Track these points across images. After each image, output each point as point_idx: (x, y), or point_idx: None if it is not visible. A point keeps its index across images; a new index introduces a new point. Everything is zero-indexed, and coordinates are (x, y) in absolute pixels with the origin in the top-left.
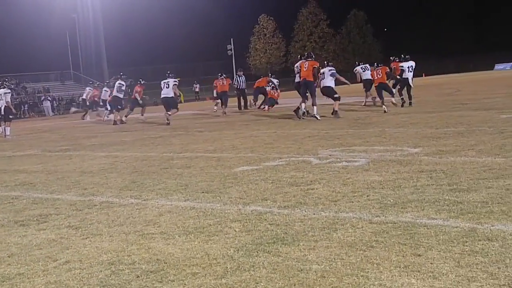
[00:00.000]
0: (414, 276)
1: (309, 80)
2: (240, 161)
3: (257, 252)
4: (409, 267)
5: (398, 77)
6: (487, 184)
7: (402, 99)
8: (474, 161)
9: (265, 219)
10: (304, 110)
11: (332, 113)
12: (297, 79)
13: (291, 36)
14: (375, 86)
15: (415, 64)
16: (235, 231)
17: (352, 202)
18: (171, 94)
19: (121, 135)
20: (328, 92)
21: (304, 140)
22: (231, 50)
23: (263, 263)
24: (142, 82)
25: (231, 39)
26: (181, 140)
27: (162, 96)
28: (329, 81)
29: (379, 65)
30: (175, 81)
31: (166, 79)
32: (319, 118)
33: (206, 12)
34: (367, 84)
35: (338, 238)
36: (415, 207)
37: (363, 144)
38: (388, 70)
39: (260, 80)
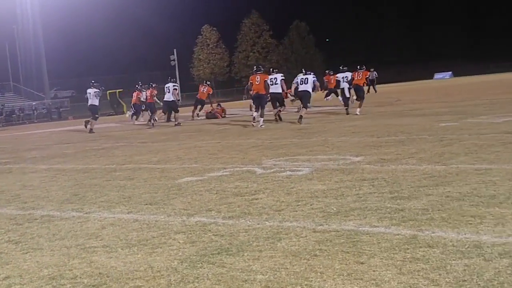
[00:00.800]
0: (357, 284)
1: (261, 93)
2: (184, 172)
3: (202, 263)
4: (352, 275)
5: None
6: (427, 191)
7: (347, 109)
8: (415, 169)
9: (210, 230)
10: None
11: (298, 120)
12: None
13: (234, 46)
14: (352, 86)
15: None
16: (179, 242)
17: (296, 211)
18: (172, 98)
19: (63, 147)
20: (305, 96)
21: (249, 150)
22: (174, 60)
23: (207, 274)
24: (154, 85)
25: (174, 50)
26: (124, 152)
27: (164, 99)
28: (309, 87)
29: (362, 67)
30: (174, 86)
31: (167, 83)
32: (263, 127)
33: (149, 22)
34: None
35: (282, 247)
36: (358, 215)
37: (306, 153)
38: (368, 75)
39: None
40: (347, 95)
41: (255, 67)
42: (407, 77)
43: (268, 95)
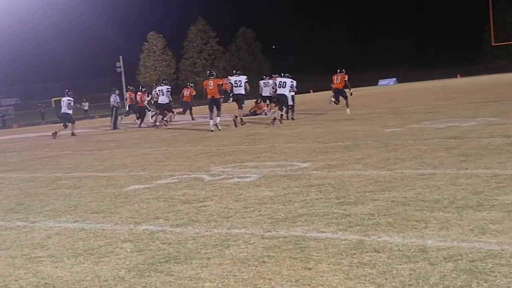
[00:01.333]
0: None
1: (216, 97)
2: (131, 180)
3: (149, 272)
4: (300, 281)
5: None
6: (373, 196)
7: (282, 115)
8: (361, 174)
9: (157, 238)
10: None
11: (272, 121)
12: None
13: (181, 53)
14: (333, 90)
15: (296, 81)
16: (126, 251)
17: (244, 218)
18: (167, 101)
19: (7, 156)
20: (282, 99)
21: (196, 157)
22: (120, 67)
23: (155, 283)
24: (144, 90)
25: (120, 57)
26: (70, 160)
27: (159, 102)
28: (287, 90)
29: (342, 71)
30: (168, 89)
31: (160, 86)
32: (220, 129)
33: (95, 29)
34: (265, 99)
35: (230, 254)
36: (305, 221)
37: (254, 159)
38: (346, 79)
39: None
40: (290, 102)
41: (208, 72)
42: (352, 83)
43: (231, 96)
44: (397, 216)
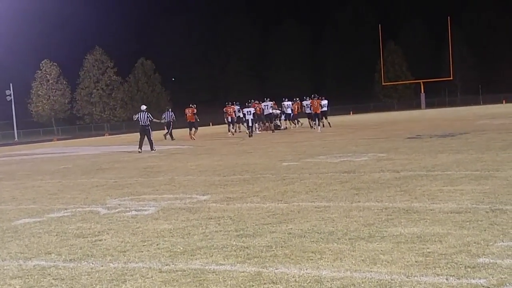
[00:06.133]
0: None
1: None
2: (21, 213)
3: None
4: None
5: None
6: (271, 228)
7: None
8: (259, 207)
9: (49, 274)
10: None
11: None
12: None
13: (76, 82)
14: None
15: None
16: None
17: (142, 251)
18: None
19: None
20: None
21: (92, 189)
22: (10, 95)
23: None
24: (193, 106)
25: (11, 84)
26: None
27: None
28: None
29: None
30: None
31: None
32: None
33: None
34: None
35: None
36: (204, 253)
37: (152, 192)
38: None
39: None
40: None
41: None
42: None
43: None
44: (293, 247)
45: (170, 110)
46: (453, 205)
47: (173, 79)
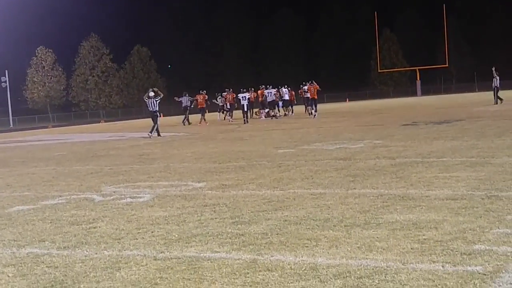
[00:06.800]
0: None
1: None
2: (15, 201)
3: None
4: None
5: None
6: (266, 216)
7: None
8: (255, 194)
9: (43, 262)
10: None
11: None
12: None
13: (72, 69)
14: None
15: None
16: (8, 276)
17: (137, 239)
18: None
19: None
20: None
21: (87, 176)
22: (5, 82)
23: None
24: (203, 92)
25: (6, 71)
26: None
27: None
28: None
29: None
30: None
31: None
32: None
33: None
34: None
35: (121, 277)
36: (199, 241)
37: (148, 179)
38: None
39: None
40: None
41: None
42: None
43: None
44: (289, 235)
45: (187, 94)
46: (449, 191)
47: (169, 66)
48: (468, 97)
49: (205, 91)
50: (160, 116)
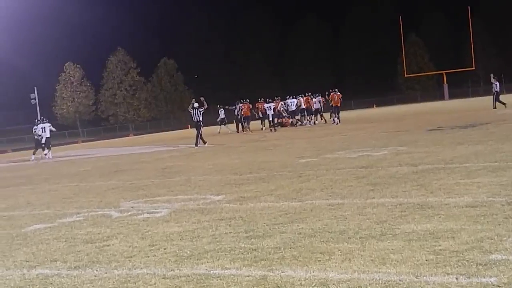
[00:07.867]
0: None
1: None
2: (33, 219)
3: None
4: None
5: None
6: (281, 229)
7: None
8: (272, 206)
9: (51, 283)
10: None
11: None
12: None
13: (100, 84)
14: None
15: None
16: None
17: (148, 256)
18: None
19: None
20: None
21: (107, 192)
22: (34, 99)
23: None
24: (247, 101)
25: (35, 88)
26: None
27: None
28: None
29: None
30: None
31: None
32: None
33: (7, 59)
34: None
35: None
36: (211, 257)
37: (167, 193)
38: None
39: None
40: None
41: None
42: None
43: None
44: (302, 248)
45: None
46: (469, 198)
47: (196, 76)
48: None
49: (248, 100)
50: (202, 126)
